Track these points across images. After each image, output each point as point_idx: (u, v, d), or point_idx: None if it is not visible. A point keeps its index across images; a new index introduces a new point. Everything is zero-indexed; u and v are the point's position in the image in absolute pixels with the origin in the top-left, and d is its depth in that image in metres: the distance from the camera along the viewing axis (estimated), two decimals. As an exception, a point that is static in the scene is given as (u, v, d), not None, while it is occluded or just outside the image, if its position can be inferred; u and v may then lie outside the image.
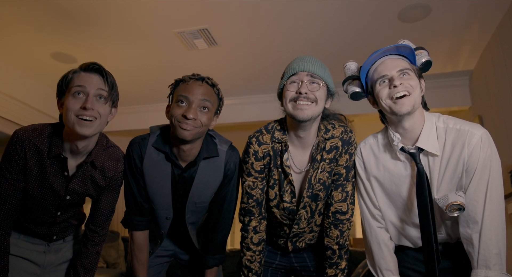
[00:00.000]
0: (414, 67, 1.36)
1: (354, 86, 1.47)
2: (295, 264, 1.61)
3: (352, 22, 3.04)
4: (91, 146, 1.42)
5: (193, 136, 1.41)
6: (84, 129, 1.30)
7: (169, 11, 2.93)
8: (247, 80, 4.08)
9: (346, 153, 1.48)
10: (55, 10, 2.92)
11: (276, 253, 1.62)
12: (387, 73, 1.32)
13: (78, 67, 1.38)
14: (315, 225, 1.55)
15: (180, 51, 3.49)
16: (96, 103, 1.33)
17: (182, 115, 1.39)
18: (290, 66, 1.45)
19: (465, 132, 1.27)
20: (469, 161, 1.26)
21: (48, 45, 3.44)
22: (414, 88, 1.30)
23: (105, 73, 1.37)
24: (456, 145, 1.28)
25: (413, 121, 1.33)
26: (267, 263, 1.61)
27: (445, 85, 3.89)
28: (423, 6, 2.81)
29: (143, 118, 4.81)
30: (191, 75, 1.48)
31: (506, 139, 2.90)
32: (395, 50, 1.35)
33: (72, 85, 1.33)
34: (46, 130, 1.38)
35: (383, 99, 1.33)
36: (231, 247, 9.67)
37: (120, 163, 1.51)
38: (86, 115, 1.30)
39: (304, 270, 1.60)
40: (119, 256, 4.33)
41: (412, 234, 1.38)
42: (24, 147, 1.33)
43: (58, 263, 1.50)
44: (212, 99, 1.45)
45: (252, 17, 3.01)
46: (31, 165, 1.34)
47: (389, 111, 1.33)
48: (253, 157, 1.50)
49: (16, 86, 3.92)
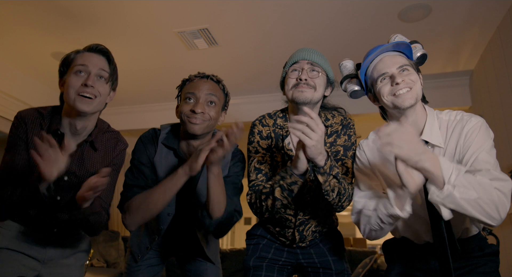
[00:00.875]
0: (412, 62, 1.38)
1: (353, 85, 1.49)
2: (301, 260, 1.60)
3: (353, 22, 3.04)
4: (91, 127, 1.45)
5: (203, 130, 1.47)
6: (84, 106, 1.34)
7: (169, 10, 2.93)
8: (247, 80, 4.08)
9: (345, 134, 1.54)
10: (55, 10, 2.92)
11: (283, 250, 1.62)
12: (387, 71, 1.34)
13: (83, 48, 1.43)
14: (320, 210, 1.56)
15: (181, 50, 3.49)
16: (97, 82, 1.37)
17: (190, 111, 1.45)
18: (292, 56, 1.54)
19: (464, 120, 1.32)
20: (465, 143, 1.28)
21: (48, 45, 3.44)
22: (415, 82, 1.32)
23: (109, 55, 1.42)
24: (456, 133, 1.31)
25: (415, 114, 1.35)
26: (273, 261, 1.60)
27: (446, 85, 3.89)
28: (424, 6, 2.81)
29: (143, 117, 4.81)
30: (196, 74, 1.56)
31: (507, 139, 2.90)
32: (392, 47, 1.38)
33: (74, 64, 1.37)
34: (46, 109, 1.43)
35: (385, 96, 1.34)
36: (231, 247, 9.71)
37: (120, 145, 1.54)
38: (87, 92, 1.34)
39: (310, 266, 1.60)
40: (119, 256, 4.34)
41: (418, 227, 1.37)
42: (26, 124, 1.37)
43: (58, 258, 1.47)
44: (218, 94, 1.52)
45: (253, 17, 3.01)
46: (32, 142, 1.37)
47: (392, 107, 1.34)
48: (258, 136, 1.58)
49: (16, 85, 3.92)
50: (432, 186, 1.14)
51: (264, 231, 1.66)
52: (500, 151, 1.31)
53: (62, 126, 1.41)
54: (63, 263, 1.49)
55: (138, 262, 1.66)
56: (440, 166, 1.12)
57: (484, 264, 1.30)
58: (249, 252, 1.65)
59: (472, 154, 1.24)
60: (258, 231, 1.67)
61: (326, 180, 1.34)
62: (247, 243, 1.69)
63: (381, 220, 1.26)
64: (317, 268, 1.58)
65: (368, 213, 1.33)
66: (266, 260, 1.60)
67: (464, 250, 1.30)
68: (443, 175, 1.11)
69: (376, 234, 1.34)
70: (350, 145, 1.54)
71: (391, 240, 1.52)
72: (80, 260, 1.56)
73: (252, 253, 1.63)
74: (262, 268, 1.58)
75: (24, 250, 1.39)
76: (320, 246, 1.61)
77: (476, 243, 1.33)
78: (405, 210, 1.20)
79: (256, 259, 1.60)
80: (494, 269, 1.31)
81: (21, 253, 1.39)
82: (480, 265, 1.29)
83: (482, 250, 1.32)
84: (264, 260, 1.60)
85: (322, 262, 1.58)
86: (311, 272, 1.60)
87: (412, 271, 1.39)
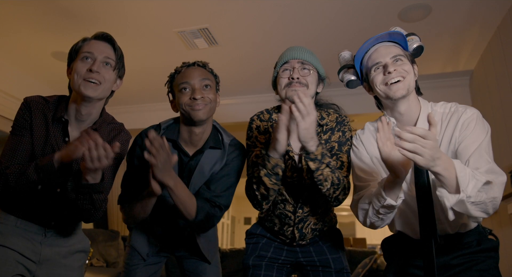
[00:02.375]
0: (407, 53, 1.41)
1: (350, 75, 1.53)
2: (301, 259, 1.61)
3: (353, 22, 3.04)
4: (95, 115, 1.47)
5: (207, 114, 1.51)
6: (89, 91, 1.37)
7: (169, 10, 2.93)
8: (247, 79, 4.08)
9: (339, 130, 1.56)
10: (55, 10, 2.92)
11: (282, 249, 1.62)
12: (381, 60, 1.37)
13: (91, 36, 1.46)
14: (318, 206, 1.56)
15: (180, 50, 3.49)
16: (102, 68, 1.40)
17: (190, 99, 1.49)
18: (282, 56, 1.57)
19: (460, 112, 1.33)
20: (460, 134, 1.29)
21: (48, 44, 3.44)
22: (407, 73, 1.34)
23: (114, 42, 1.46)
24: (451, 125, 1.32)
25: (408, 105, 1.36)
26: (272, 259, 1.61)
27: (446, 85, 3.89)
28: (424, 6, 2.81)
29: (143, 117, 4.80)
30: (182, 65, 1.60)
31: (507, 139, 2.90)
32: (387, 37, 1.40)
33: (81, 51, 1.41)
34: (53, 98, 1.47)
35: (377, 85, 1.37)
36: (231, 246, 9.70)
37: (123, 135, 1.56)
38: (92, 77, 1.37)
39: (309, 265, 1.60)
40: (119, 255, 4.34)
41: (412, 221, 1.37)
42: (30, 109, 1.41)
43: (55, 258, 1.44)
44: (209, 77, 1.57)
45: (253, 17, 3.01)
46: (36, 128, 1.40)
47: (384, 96, 1.36)
48: (256, 131, 1.62)
49: (17, 84, 3.92)
50: (442, 190, 1.13)
51: (263, 230, 1.66)
52: (500, 151, 1.32)
53: (68, 114, 1.44)
54: (61, 264, 1.46)
55: (146, 260, 1.66)
56: (456, 173, 1.10)
57: (483, 261, 1.29)
58: (248, 251, 1.65)
59: (468, 146, 1.25)
60: (258, 230, 1.67)
61: (318, 168, 1.36)
62: (247, 242, 1.69)
63: (378, 211, 1.28)
64: (316, 267, 1.58)
65: (364, 206, 1.34)
66: (266, 259, 1.60)
67: (462, 244, 1.30)
68: (458, 182, 1.09)
69: (378, 224, 1.35)
70: (344, 140, 1.54)
71: (390, 238, 1.52)
72: (79, 260, 1.53)
73: (252, 252, 1.63)
74: (262, 267, 1.59)
75: (18, 249, 1.36)
76: (319, 244, 1.61)
77: (475, 237, 1.32)
78: (399, 198, 1.22)
79: (256, 258, 1.61)
80: (493, 265, 1.30)
81: (16, 251, 1.35)
82: (479, 262, 1.29)
83: (480, 245, 1.31)
84: (264, 259, 1.60)
85: (322, 261, 1.58)
86: (311, 270, 1.60)
87: (410, 268, 1.39)
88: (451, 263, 1.31)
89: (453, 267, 1.31)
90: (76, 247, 1.52)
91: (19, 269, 1.35)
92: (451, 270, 1.31)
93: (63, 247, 1.47)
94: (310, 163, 1.36)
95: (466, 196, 1.08)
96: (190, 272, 1.73)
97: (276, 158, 1.37)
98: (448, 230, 1.33)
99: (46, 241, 1.43)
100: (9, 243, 1.35)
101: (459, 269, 1.30)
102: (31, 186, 1.31)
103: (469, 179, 1.09)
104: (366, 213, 1.33)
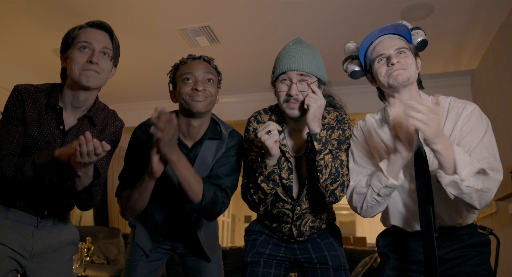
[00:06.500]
0: (411, 46, 1.43)
1: (354, 65, 1.53)
2: (299, 256, 1.61)
3: (354, 21, 3.04)
4: (90, 102, 1.46)
5: (206, 107, 1.51)
6: (89, 82, 1.37)
7: (171, 8, 2.93)
8: (249, 77, 4.08)
9: (339, 129, 1.55)
10: (57, 6, 2.92)
11: (281, 246, 1.62)
12: (384, 52, 1.39)
13: (85, 23, 1.44)
14: (316, 204, 1.56)
15: (182, 48, 3.49)
16: (101, 58, 1.40)
17: (192, 89, 1.49)
18: (280, 62, 1.48)
19: (460, 107, 1.36)
20: (462, 130, 1.32)
21: (49, 41, 3.44)
22: (409, 65, 1.36)
23: (112, 31, 1.45)
24: (451, 119, 1.35)
25: (409, 96, 1.38)
26: (271, 256, 1.61)
27: (447, 84, 3.89)
28: (426, 6, 2.80)
29: (144, 114, 4.77)
30: (188, 56, 1.61)
31: (508, 139, 2.90)
32: (392, 29, 1.41)
33: (78, 40, 1.40)
34: (45, 86, 1.46)
35: (381, 76, 1.39)
36: (231, 244, 9.70)
37: (117, 122, 1.57)
38: (92, 68, 1.36)
39: (307, 261, 1.60)
40: (120, 253, 4.35)
41: (409, 213, 1.38)
42: (22, 97, 1.39)
43: (46, 252, 1.42)
44: (213, 72, 1.57)
45: (254, 15, 3.00)
46: (29, 117, 1.38)
47: (387, 86, 1.38)
48: (253, 134, 1.58)
49: (18, 81, 3.83)
50: (440, 170, 1.20)
51: (262, 227, 1.66)
52: (501, 151, 1.32)
53: (63, 101, 1.43)
54: (51, 257, 1.44)
55: (149, 257, 1.67)
56: (455, 156, 1.16)
57: (476, 255, 1.32)
58: (247, 248, 1.66)
59: (468, 142, 1.28)
60: (256, 227, 1.67)
61: (321, 151, 1.37)
62: (245, 239, 1.70)
63: (377, 193, 1.32)
64: (314, 264, 1.59)
65: (362, 190, 1.36)
66: (264, 255, 1.60)
67: (456, 236, 1.33)
68: (456, 164, 1.16)
69: (373, 209, 1.38)
70: (344, 139, 1.54)
71: (383, 233, 1.53)
72: (68, 253, 1.51)
73: (250, 249, 1.63)
74: (260, 264, 1.59)
75: (11, 245, 1.34)
76: (317, 241, 1.62)
77: (467, 230, 1.35)
78: (399, 178, 1.29)
79: (254, 255, 1.61)
80: (485, 260, 1.33)
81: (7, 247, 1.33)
82: (472, 257, 1.32)
83: (471, 237, 1.34)
84: (262, 256, 1.60)
85: (319, 257, 1.59)
86: (308, 267, 1.60)
87: (407, 264, 1.40)
88: (446, 257, 1.33)
89: (447, 261, 1.33)
90: (67, 238, 1.50)
91: (12, 264, 1.34)
92: (446, 264, 1.33)
93: (55, 239, 1.45)
94: (315, 142, 1.37)
95: (460, 179, 1.15)
96: (192, 269, 1.74)
97: (271, 165, 1.39)
98: (443, 223, 1.35)
99: (38, 232, 1.41)
100: (1, 239, 1.33)
101: (454, 263, 1.32)
102: (27, 181, 1.31)
103: (466, 164, 1.16)
104: (364, 197, 1.35)
